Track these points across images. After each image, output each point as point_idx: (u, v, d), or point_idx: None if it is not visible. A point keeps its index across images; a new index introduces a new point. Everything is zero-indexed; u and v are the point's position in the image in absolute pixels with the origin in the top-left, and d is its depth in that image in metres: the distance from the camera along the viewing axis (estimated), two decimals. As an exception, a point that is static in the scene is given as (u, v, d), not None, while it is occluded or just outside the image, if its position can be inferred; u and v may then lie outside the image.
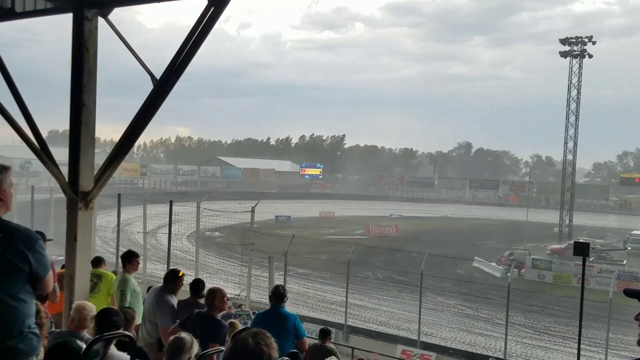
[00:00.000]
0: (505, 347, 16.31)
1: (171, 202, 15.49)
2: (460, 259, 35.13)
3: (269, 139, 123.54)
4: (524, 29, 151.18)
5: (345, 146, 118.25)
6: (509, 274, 22.23)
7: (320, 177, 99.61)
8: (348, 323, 18.31)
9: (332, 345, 7.11)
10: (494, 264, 34.44)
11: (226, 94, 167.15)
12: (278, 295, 5.62)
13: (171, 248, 16.29)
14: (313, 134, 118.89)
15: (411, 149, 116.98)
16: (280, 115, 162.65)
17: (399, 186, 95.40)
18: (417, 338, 17.42)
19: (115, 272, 7.12)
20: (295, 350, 4.90)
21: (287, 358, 4.35)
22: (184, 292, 6.42)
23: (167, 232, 15.89)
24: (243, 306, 15.55)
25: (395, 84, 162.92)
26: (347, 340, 17.06)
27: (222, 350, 3.98)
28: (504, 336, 16.47)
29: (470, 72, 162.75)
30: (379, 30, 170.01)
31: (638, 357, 1.73)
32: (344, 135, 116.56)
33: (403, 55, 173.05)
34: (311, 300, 24.85)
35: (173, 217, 15.76)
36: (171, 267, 6.97)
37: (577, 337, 11.53)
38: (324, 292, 26.80)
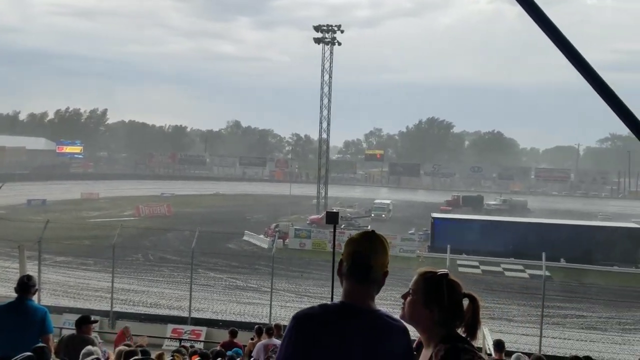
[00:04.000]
0: (270, 313, 17.72)
1: None
2: (231, 234, 36.38)
3: (18, 113, 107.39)
4: (286, 14, 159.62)
5: (109, 122, 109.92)
6: (274, 245, 24.05)
7: (81, 155, 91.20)
8: (115, 309, 17.68)
9: (91, 334, 6.92)
10: (262, 236, 36.49)
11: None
12: (23, 286, 5.24)
13: None
14: (70, 108, 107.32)
15: (182, 126, 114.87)
16: (31, 87, 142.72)
17: (170, 164, 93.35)
18: (188, 315, 17.74)
19: None
20: (42, 345, 4.69)
21: (29, 353, 4.18)
22: None
23: None
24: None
25: (162, 58, 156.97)
26: (114, 326, 16.50)
27: None
28: (269, 302, 17.88)
29: (238, 52, 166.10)
30: (143, 1, 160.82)
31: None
32: (105, 109, 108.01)
33: (170, 29, 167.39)
34: (73, 289, 23.16)
35: None
36: None
37: (331, 297, 13.12)
38: (88, 280, 25.17)
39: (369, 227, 41.46)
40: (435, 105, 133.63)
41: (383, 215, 48.97)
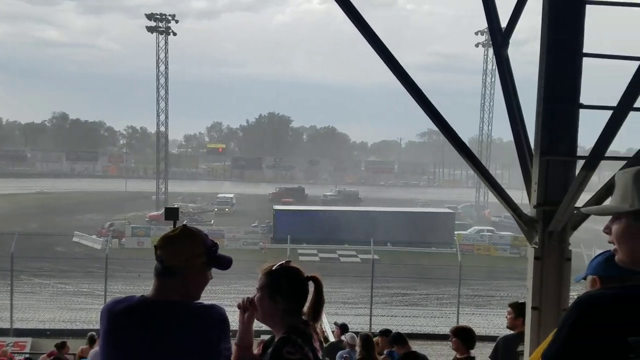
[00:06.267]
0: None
1: None
2: (58, 235, 33.48)
3: None
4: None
5: None
6: (108, 245, 22.72)
7: None
8: None
9: None
10: (94, 236, 34.17)
11: None
12: None
13: None
14: None
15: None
16: None
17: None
18: (9, 326, 16.14)
19: None
20: None
21: None
22: None
23: None
24: None
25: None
26: None
27: None
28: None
29: (63, 38, 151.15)
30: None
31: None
32: None
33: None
34: None
35: None
36: None
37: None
38: None
39: (212, 222, 41.19)
40: (274, 100, 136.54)
41: (226, 209, 48.80)
